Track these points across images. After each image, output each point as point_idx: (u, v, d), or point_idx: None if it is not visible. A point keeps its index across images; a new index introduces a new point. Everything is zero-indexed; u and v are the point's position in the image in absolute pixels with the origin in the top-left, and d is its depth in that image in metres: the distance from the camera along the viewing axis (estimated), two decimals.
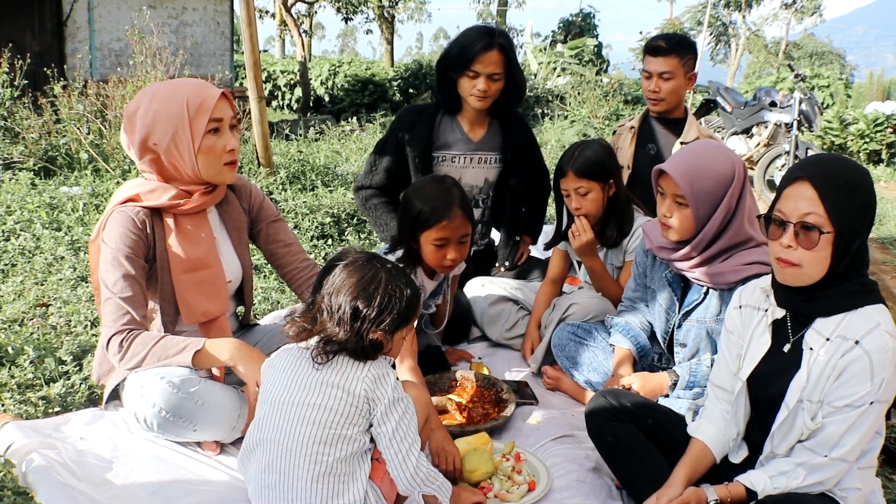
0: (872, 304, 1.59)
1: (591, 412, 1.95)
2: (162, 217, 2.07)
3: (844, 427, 1.57)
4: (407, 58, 36.98)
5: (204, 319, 2.11)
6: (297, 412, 1.60)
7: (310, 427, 1.59)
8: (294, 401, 1.61)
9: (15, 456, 1.88)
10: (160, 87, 2.06)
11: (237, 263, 2.25)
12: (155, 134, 2.01)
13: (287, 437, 1.60)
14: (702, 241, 2.13)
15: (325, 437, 1.58)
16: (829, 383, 1.58)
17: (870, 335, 1.54)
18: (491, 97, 2.93)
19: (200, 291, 2.09)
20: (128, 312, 1.94)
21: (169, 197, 2.05)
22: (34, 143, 5.69)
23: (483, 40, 2.87)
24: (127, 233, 1.99)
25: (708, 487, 1.71)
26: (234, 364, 1.92)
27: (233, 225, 2.25)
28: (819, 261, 1.57)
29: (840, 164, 1.62)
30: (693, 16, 26.13)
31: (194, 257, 2.08)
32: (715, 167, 2.10)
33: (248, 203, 2.31)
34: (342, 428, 1.59)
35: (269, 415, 1.64)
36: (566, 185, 2.68)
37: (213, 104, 2.03)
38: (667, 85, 3.20)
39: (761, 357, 1.71)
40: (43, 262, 3.48)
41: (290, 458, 1.59)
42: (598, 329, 2.58)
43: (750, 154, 7.52)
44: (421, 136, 3.01)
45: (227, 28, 12.80)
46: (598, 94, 11.21)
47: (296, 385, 1.63)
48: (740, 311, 1.81)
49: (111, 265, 1.96)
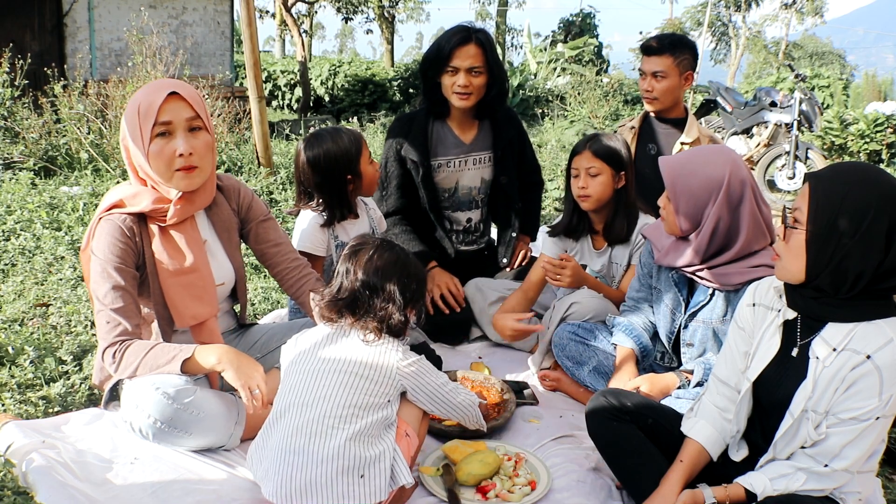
0: (885, 317, 1.55)
1: (591, 412, 1.95)
2: (148, 223, 2.06)
3: (847, 439, 1.55)
4: (407, 58, 36.97)
5: (194, 322, 2.10)
6: (336, 378, 1.75)
7: (348, 391, 1.74)
8: (332, 368, 1.76)
9: (15, 456, 1.88)
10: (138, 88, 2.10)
11: (229, 265, 2.24)
12: (125, 136, 2.04)
13: (324, 399, 1.73)
14: (699, 248, 2.14)
15: (361, 402, 1.74)
16: (836, 395, 1.55)
17: (882, 350, 1.51)
18: (474, 94, 2.91)
19: (189, 294, 2.08)
20: (120, 323, 1.93)
21: (151, 201, 2.03)
22: (34, 143, 5.70)
23: (459, 35, 2.87)
24: (115, 242, 1.98)
25: (705, 488, 1.70)
26: (222, 369, 1.91)
27: (222, 227, 2.24)
28: (794, 257, 1.57)
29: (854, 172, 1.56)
30: (693, 16, 26.16)
31: (179, 261, 2.07)
32: (705, 170, 2.10)
33: (236, 203, 2.29)
34: (376, 396, 1.76)
35: (302, 380, 1.78)
36: (578, 164, 2.67)
37: (157, 107, 1.97)
38: (660, 84, 3.20)
39: (770, 359, 1.69)
40: (43, 262, 3.48)
41: (325, 419, 1.71)
42: (600, 329, 2.58)
43: (750, 154, 7.51)
44: (417, 146, 3.00)
45: (227, 28, 12.80)
46: (598, 94, 11.21)
47: (333, 354, 1.78)
48: (753, 309, 1.78)
49: (100, 277, 1.96)
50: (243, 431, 2.07)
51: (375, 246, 1.85)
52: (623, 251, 2.76)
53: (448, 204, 3.15)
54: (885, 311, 1.55)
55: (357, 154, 2.59)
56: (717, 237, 2.12)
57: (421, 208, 3.08)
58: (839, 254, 1.52)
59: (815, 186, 1.55)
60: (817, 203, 1.53)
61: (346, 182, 2.59)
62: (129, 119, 2.02)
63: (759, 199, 2.12)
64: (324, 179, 2.58)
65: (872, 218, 1.49)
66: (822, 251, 1.53)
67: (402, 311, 1.81)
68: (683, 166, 2.14)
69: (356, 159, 2.59)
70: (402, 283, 1.81)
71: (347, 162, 2.57)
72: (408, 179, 3.04)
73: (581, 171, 2.66)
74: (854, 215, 1.50)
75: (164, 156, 2.00)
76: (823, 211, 1.53)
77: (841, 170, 1.59)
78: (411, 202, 3.06)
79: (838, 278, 1.53)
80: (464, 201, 3.16)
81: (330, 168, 2.56)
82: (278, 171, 5.53)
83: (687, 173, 2.12)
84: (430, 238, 3.12)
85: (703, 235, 2.13)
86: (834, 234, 1.52)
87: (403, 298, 1.81)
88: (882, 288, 1.53)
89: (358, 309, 1.81)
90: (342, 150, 2.56)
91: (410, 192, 3.05)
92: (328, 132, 2.62)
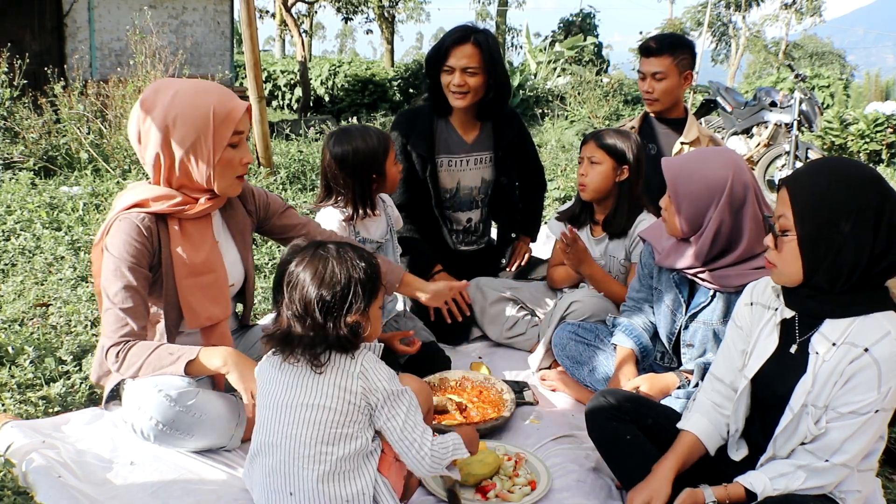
0: (882, 311, 1.56)
1: (591, 412, 1.95)
2: (167, 222, 2.03)
3: (847, 433, 1.56)
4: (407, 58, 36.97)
5: (209, 323, 2.08)
6: (298, 414, 1.61)
7: (311, 428, 1.60)
8: (293, 403, 1.62)
9: (15, 456, 1.88)
10: (181, 87, 1.96)
11: (240, 267, 2.24)
12: (174, 137, 1.94)
13: (289, 439, 1.61)
14: (701, 251, 2.14)
15: (328, 436, 1.60)
16: (835, 389, 1.56)
17: (880, 343, 1.52)
18: (470, 94, 2.91)
19: (205, 295, 2.07)
20: (127, 324, 1.92)
21: (175, 203, 2.01)
22: (34, 143, 5.69)
23: (457, 34, 2.88)
24: (131, 241, 1.95)
25: (706, 488, 1.70)
26: (227, 371, 1.91)
27: (237, 228, 2.23)
28: (788, 263, 1.58)
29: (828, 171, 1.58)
30: (693, 16, 26.16)
31: (198, 262, 2.06)
32: (706, 173, 2.10)
33: (253, 205, 2.28)
34: (343, 427, 1.60)
35: (270, 419, 1.65)
36: (584, 152, 2.75)
37: (239, 116, 1.98)
38: (660, 85, 3.20)
39: (768, 357, 1.70)
40: (43, 262, 3.48)
41: (294, 461, 1.60)
42: (600, 329, 2.58)
43: (750, 154, 7.51)
44: (424, 142, 3.00)
45: (227, 28, 12.80)
46: (598, 95, 11.20)
47: (293, 387, 1.63)
48: (751, 308, 1.79)
49: (113, 275, 1.93)
50: (244, 432, 2.07)
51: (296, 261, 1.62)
52: (619, 245, 2.78)
53: (449, 204, 3.15)
54: (881, 304, 1.57)
55: (385, 154, 2.54)
56: (718, 240, 2.12)
57: (424, 204, 3.07)
58: (833, 250, 1.53)
59: (794, 190, 1.57)
60: (801, 206, 1.55)
61: (372, 181, 2.55)
62: (191, 123, 1.92)
63: (762, 203, 2.12)
64: (349, 176, 2.52)
65: (858, 208, 1.51)
66: (816, 251, 1.54)
67: (336, 326, 1.57)
68: (685, 169, 2.13)
69: (383, 159, 2.54)
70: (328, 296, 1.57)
71: (374, 161, 2.52)
72: (412, 174, 3.03)
73: (584, 160, 2.73)
74: (840, 210, 1.51)
75: (233, 164, 2.02)
76: (809, 213, 1.54)
77: (814, 169, 1.60)
78: (414, 198, 3.06)
79: (834, 273, 1.54)
80: (464, 201, 3.16)
81: (357, 166, 2.51)
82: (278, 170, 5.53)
83: (689, 176, 2.11)
84: (435, 235, 3.12)
85: (704, 238, 2.12)
86: (824, 232, 1.53)
87: (330, 313, 1.57)
88: (875, 274, 1.54)
89: (293, 339, 1.60)
90: (371, 150, 2.51)
91: (414, 188, 3.05)
92: (357, 130, 2.55)
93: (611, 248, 2.81)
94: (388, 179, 2.58)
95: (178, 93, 1.94)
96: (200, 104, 1.93)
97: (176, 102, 1.93)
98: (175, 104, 1.93)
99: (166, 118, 1.93)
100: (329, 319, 1.57)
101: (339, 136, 2.54)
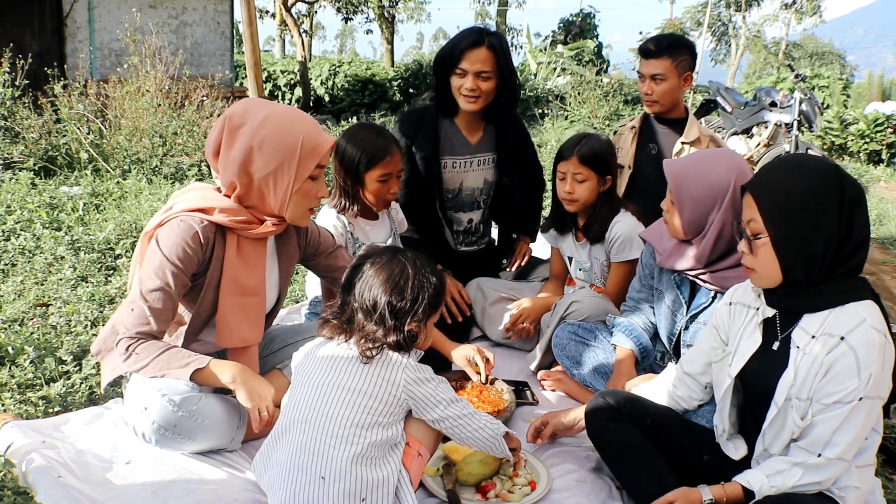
0: (859, 300, 1.59)
1: (591, 412, 1.95)
2: (225, 235, 2.01)
3: (835, 424, 1.57)
4: (407, 58, 36.94)
5: (240, 345, 2.07)
6: (337, 395, 1.67)
7: (349, 410, 1.66)
8: (335, 384, 1.68)
9: (15, 456, 1.88)
10: (273, 111, 1.96)
11: (276, 293, 2.23)
12: (257, 160, 1.93)
13: (325, 417, 1.66)
14: (702, 253, 2.14)
15: (363, 420, 1.66)
16: (816, 380, 1.58)
17: (855, 331, 1.55)
18: (482, 98, 2.89)
19: (245, 317, 2.06)
20: (149, 323, 1.91)
21: (240, 219, 2.00)
22: (34, 143, 5.69)
23: (471, 37, 2.85)
24: (184, 245, 1.92)
25: (703, 487, 1.71)
26: (234, 388, 1.91)
27: (285, 257, 2.22)
28: (766, 265, 1.62)
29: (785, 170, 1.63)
30: (693, 16, 26.15)
31: (248, 283, 2.05)
32: (709, 175, 2.10)
33: (305, 240, 2.28)
34: (379, 415, 1.68)
35: (306, 396, 1.71)
36: (565, 168, 2.72)
37: (325, 151, 1.99)
38: (659, 87, 3.20)
39: (751, 354, 1.73)
40: (43, 262, 3.48)
41: (326, 438, 1.65)
42: (600, 329, 2.58)
43: (750, 154, 7.51)
44: (429, 143, 2.98)
45: (227, 28, 12.79)
46: (598, 95, 11.21)
47: (336, 370, 1.70)
48: (730, 308, 1.84)
49: (154, 272, 1.91)
50: (244, 434, 2.08)
51: (373, 261, 1.75)
52: (600, 247, 2.82)
53: (451, 204, 3.15)
54: (857, 293, 1.60)
55: (366, 167, 2.55)
56: (720, 243, 2.12)
57: (426, 205, 3.07)
58: (804, 243, 1.56)
59: (757, 194, 1.61)
60: (767, 208, 1.59)
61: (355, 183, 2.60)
62: (278, 148, 1.93)
63: None
64: (339, 168, 2.61)
65: (821, 199, 1.55)
66: (790, 248, 1.58)
67: (398, 328, 1.70)
68: (688, 171, 2.13)
69: (362, 170, 2.56)
70: (397, 300, 1.70)
71: (351, 167, 2.56)
72: (415, 175, 3.03)
73: (568, 176, 2.71)
74: (805, 205, 1.56)
75: (309, 196, 2.03)
76: (776, 213, 1.58)
77: (771, 171, 1.65)
78: (417, 198, 3.06)
79: (808, 265, 1.58)
80: (466, 202, 3.17)
81: (341, 163, 2.59)
82: None
83: (691, 178, 2.11)
84: (436, 235, 3.12)
85: (706, 241, 2.13)
86: (795, 228, 1.57)
87: (396, 316, 1.70)
88: (844, 259, 1.57)
89: (353, 326, 1.72)
90: (350, 157, 2.56)
91: (416, 189, 3.05)
92: (363, 133, 2.60)
93: (594, 251, 2.85)
94: (366, 190, 2.60)
95: (269, 116, 1.94)
96: (290, 132, 1.94)
97: (266, 125, 1.93)
98: (265, 127, 1.93)
99: (253, 139, 1.93)
100: (392, 321, 1.69)
101: (350, 128, 2.65)
